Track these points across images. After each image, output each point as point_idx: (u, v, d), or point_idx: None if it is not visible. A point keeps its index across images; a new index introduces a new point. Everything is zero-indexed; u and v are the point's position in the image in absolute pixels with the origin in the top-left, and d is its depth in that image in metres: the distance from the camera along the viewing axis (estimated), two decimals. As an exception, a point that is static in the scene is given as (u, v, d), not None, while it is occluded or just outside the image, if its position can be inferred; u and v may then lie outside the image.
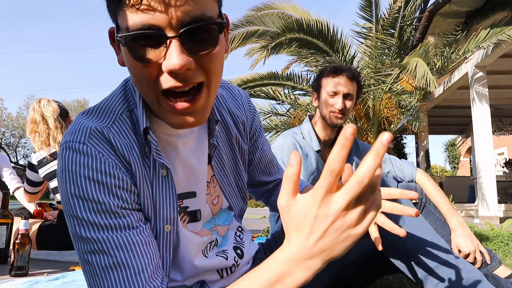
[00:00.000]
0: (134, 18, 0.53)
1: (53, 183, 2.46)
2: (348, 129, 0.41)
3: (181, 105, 0.58)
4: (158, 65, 0.55)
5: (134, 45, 0.55)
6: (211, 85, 0.60)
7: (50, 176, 2.45)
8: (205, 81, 0.59)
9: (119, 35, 0.56)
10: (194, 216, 0.76)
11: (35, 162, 2.45)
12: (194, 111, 0.59)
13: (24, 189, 2.69)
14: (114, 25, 0.61)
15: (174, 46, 0.53)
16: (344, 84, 1.71)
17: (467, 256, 1.39)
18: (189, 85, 0.57)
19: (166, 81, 0.56)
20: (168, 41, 0.54)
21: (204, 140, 0.77)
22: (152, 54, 0.55)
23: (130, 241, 0.61)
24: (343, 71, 1.71)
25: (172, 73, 0.55)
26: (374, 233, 0.85)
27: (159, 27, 0.53)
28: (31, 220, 2.41)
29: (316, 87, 1.80)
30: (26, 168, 2.57)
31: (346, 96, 1.71)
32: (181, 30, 0.53)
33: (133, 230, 0.62)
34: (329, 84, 1.73)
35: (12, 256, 1.68)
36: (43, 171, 2.45)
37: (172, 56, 0.53)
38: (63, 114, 2.53)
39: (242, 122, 0.86)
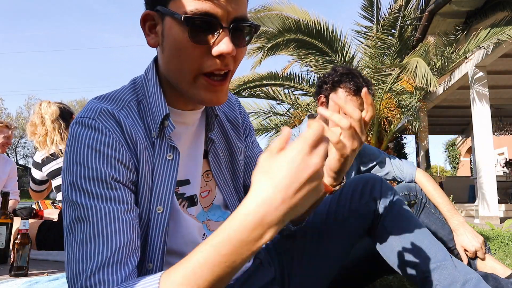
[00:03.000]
0: (197, 5, 0.63)
1: (56, 181, 2.48)
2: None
3: (217, 83, 0.68)
4: (207, 48, 0.65)
5: (194, 28, 0.64)
6: (232, 74, 0.71)
7: (53, 174, 2.48)
8: (231, 70, 0.69)
9: (183, 16, 0.63)
10: (192, 201, 0.80)
11: (39, 161, 2.49)
12: (222, 90, 0.70)
13: (30, 188, 2.73)
14: (146, 10, 0.70)
15: (226, 35, 0.64)
16: (360, 103, 1.64)
17: (474, 253, 1.40)
18: (226, 69, 0.68)
19: (212, 65, 0.66)
20: (221, 30, 0.64)
21: (201, 134, 0.82)
22: (205, 37, 0.64)
23: (116, 216, 0.62)
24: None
25: (220, 57, 0.65)
26: None
27: (217, 16, 0.63)
28: (31, 220, 2.41)
29: (328, 95, 1.69)
30: (31, 167, 2.62)
31: None
32: (232, 24, 0.65)
33: (121, 206, 0.64)
34: (346, 101, 1.65)
35: (12, 256, 1.67)
36: (46, 169, 2.48)
37: (225, 42, 0.64)
38: (66, 115, 2.57)
39: (236, 122, 0.91)
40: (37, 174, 2.59)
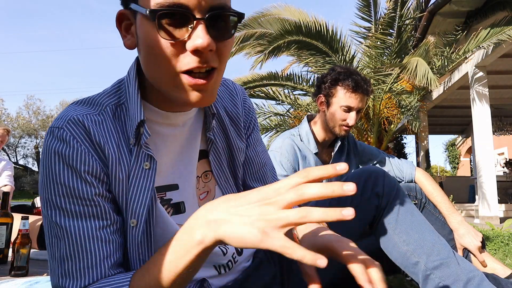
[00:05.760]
0: None
1: None
2: None
3: (200, 81, 0.61)
4: (182, 44, 0.59)
5: (163, 22, 0.58)
6: (220, 71, 0.64)
7: None
8: (217, 67, 0.63)
9: (148, 9, 0.58)
10: (177, 209, 0.76)
11: None
12: (207, 89, 0.63)
13: None
14: (122, 8, 0.65)
15: (201, 27, 0.58)
16: (360, 100, 1.67)
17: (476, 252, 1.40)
18: (207, 67, 0.61)
19: (189, 62, 0.60)
20: (195, 22, 0.58)
21: (197, 134, 0.78)
22: (177, 32, 0.59)
23: (91, 234, 0.63)
24: (362, 88, 1.67)
25: (196, 53, 0.59)
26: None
27: (188, 7, 0.57)
28: (32, 218, 2.41)
29: (327, 94, 1.72)
30: None
31: (358, 111, 1.70)
32: (208, 14, 0.58)
33: (96, 222, 0.64)
34: (345, 99, 1.67)
35: (12, 256, 1.67)
36: None
37: (199, 36, 0.57)
38: None
39: (237, 119, 0.86)
40: None
